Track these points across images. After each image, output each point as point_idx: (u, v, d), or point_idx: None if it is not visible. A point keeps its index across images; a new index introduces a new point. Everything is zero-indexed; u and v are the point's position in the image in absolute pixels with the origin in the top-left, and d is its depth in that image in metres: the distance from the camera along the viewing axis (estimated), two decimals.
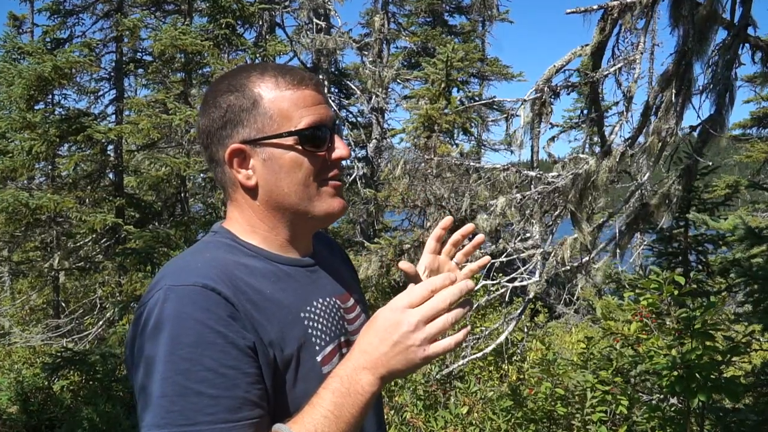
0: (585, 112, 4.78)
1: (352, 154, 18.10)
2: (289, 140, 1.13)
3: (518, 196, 4.32)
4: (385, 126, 18.19)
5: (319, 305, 1.18)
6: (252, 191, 1.17)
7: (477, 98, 17.30)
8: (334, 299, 1.23)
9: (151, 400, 0.97)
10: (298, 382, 1.08)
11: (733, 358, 4.14)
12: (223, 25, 11.31)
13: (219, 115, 1.15)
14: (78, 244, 11.62)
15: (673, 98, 3.81)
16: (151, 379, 0.98)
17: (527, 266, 4.82)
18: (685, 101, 3.88)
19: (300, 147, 1.14)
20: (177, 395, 0.95)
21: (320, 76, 16.47)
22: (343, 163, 1.24)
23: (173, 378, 0.96)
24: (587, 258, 4.42)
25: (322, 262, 1.28)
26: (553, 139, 4.77)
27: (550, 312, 13.50)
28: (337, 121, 1.24)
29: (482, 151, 20.32)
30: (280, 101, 1.14)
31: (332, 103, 16.74)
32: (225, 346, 0.99)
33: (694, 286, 5.07)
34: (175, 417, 0.95)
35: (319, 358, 1.12)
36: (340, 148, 1.19)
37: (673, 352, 3.82)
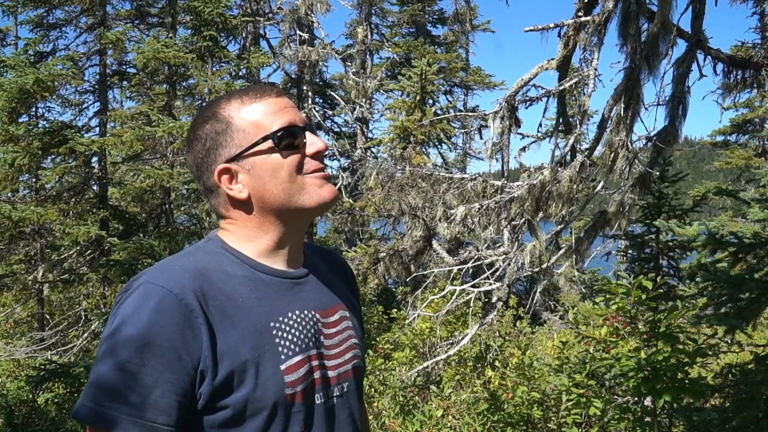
0: (555, 123, 4.96)
1: (338, 163, 18.19)
2: (266, 145, 1.22)
3: (477, 205, 4.46)
4: (369, 136, 18.32)
5: (294, 317, 1.23)
6: (246, 204, 1.24)
7: (453, 109, 17.50)
8: (313, 313, 1.27)
9: (90, 374, 1.11)
10: (258, 388, 1.15)
11: (700, 360, 4.26)
12: (207, 38, 11.39)
13: (201, 145, 1.25)
14: (62, 256, 11.60)
15: (622, 112, 3.97)
16: (98, 354, 1.12)
17: (494, 272, 4.95)
18: (635, 115, 4.04)
19: (277, 149, 1.22)
20: (102, 377, 1.09)
21: (304, 87, 16.57)
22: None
23: (106, 359, 1.09)
24: (546, 264, 4.56)
25: (316, 276, 1.34)
26: (524, 149, 4.94)
27: (534, 318, 13.61)
28: (312, 121, 1.32)
29: (467, 160, 20.49)
30: (248, 114, 1.24)
31: (316, 114, 16.84)
32: (160, 350, 1.08)
33: (661, 290, 5.20)
34: (97, 396, 1.08)
35: (282, 367, 1.18)
36: (315, 143, 1.26)
37: (641, 354, 3.93)
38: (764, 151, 19.98)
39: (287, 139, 1.23)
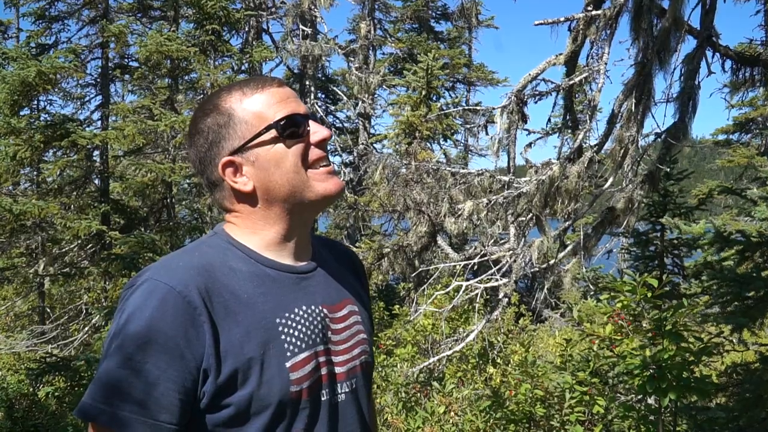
0: (562, 119, 4.94)
1: (340, 159, 18.18)
2: (270, 135, 1.19)
3: (484, 200, 4.43)
4: (372, 131, 18.29)
5: (302, 312, 1.21)
6: (251, 197, 1.22)
7: (457, 105, 17.46)
8: (320, 308, 1.25)
9: (96, 373, 1.10)
10: (263, 386, 1.13)
11: (705, 358, 4.24)
12: (209, 31, 11.35)
13: (203, 139, 1.23)
14: (63, 250, 11.60)
15: (633, 107, 3.94)
16: (102, 351, 1.12)
17: (500, 268, 4.92)
18: (646, 110, 4.01)
19: (281, 138, 1.20)
20: (107, 375, 1.08)
21: (307, 82, 16.54)
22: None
23: (110, 357, 1.08)
24: (553, 260, 4.53)
25: (325, 270, 1.32)
26: (530, 145, 4.90)
27: (535, 316, 13.58)
28: (311, 111, 1.30)
29: (469, 156, 20.47)
30: (251, 106, 1.21)
31: (319, 109, 16.80)
32: (163, 348, 1.07)
33: (666, 288, 5.18)
34: (100, 393, 1.07)
35: (288, 364, 1.15)
36: (319, 131, 1.24)
37: (646, 352, 3.91)
38: (767, 150, 19.93)
39: (291, 128, 1.21)
